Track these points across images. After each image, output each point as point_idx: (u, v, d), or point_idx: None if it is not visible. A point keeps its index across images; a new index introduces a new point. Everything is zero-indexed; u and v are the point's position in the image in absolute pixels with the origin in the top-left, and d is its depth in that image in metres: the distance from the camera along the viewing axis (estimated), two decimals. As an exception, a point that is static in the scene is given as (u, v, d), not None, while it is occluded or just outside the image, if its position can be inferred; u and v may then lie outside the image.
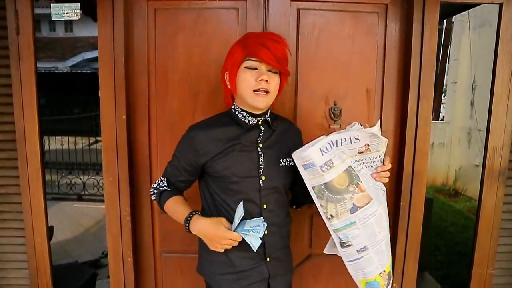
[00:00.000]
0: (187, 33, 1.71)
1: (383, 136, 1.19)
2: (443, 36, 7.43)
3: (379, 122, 1.21)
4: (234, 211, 1.21)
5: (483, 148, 1.86)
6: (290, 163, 1.32)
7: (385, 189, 1.26)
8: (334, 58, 1.75)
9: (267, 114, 1.32)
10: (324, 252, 1.36)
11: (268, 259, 1.32)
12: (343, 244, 1.21)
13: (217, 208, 1.31)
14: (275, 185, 1.31)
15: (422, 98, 1.71)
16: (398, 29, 1.75)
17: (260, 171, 1.28)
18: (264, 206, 1.29)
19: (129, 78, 1.72)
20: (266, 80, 1.21)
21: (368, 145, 1.17)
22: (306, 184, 1.18)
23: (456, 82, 7.01)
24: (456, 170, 6.54)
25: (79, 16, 1.65)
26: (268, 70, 1.22)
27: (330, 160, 1.12)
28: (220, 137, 1.26)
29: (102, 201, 1.77)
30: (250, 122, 1.29)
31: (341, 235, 1.19)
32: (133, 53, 1.72)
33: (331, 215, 1.18)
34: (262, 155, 1.28)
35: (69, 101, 10.53)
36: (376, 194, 1.21)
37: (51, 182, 6.13)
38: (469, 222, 4.90)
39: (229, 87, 1.29)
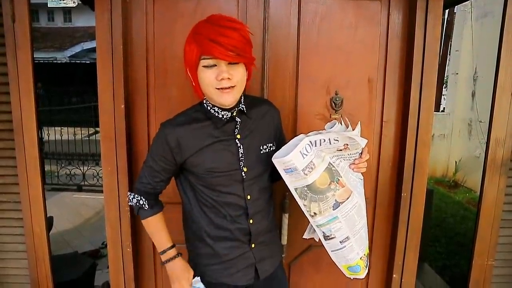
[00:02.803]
0: (186, 21, 1.67)
1: (363, 137, 1.20)
2: (445, 26, 7.37)
3: (359, 124, 1.20)
4: (218, 205, 1.26)
5: (485, 139, 1.84)
6: (271, 148, 1.31)
7: (363, 178, 1.29)
8: (335, 47, 1.72)
9: (241, 103, 1.26)
10: (303, 237, 1.39)
11: (253, 246, 1.33)
12: (326, 237, 1.25)
13: (199, 202, 1.29)
14: (257, 173, 1.29)
15: (424, 88, 1.69)
16: (401, 17, 1.72)
17: (241, 163, 1.25)
18: (248, 197, 1.28)
19: (128, 67, 1.69)
20: (228, 78, 1.13)
21: (347, 145, 1.19)
22: (288, 186, 1.19)
23: (457, 73, 6.96)
24: (456, 162, 6.53)
25: (76, 3, 1.62)
26: (229, 63, 1.13)
27: (311, 161, 1.13)
28: (196, 134, 1.22)
29: (102, 191, 1.76)
30: (224, 117, 1.24)
31: (325, 230, 1.23)
32: (131, 42, 1.69)
33: (314, 213, 1.20)
34: (241, 147, 1.25)
35: (68, 92, 10.47)
36: (355, 186, 1.24)
37: (51, 172, 6.13)
38: (468, 213, 4.91)
39: (193, 83, 1.22)
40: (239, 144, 1.25)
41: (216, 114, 1.24)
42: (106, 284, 2.29)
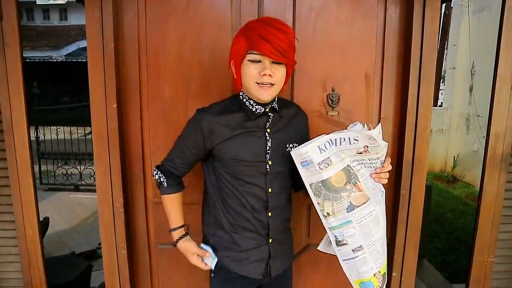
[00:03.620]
0: (179, 18, 1.64)
1: (384, 140, 1.18)
2: (442, 21, 7.34)
3: (380, 125, 1.17)
4: (240, 195, 1.30)
5: (483, 134, 1.82)
6: None
7: (384, 190, 1.24)
8: (332, 42, 1.68)
9: (275, 101, 1.31)
10: (318, 249, 1.34)
11: (270, 241, 1.36)
12: (338, 243, 1.20)
13: (220, 189, 1.33)
14: (281, 169, 1.32)
15: (423, 83, 1.65)
16: (399, 11, 1.68)
17: (267, 155, 1.29)
18: (270, 190, 1.31)
19: (119, 65, 1.65)
20: (270, 75, 1.18)
21: (367, 147, 1.16)
22: (304, 181, 1.17)
23: (454, 68, 6.95)
24: (454, 157, 6.52)
25: (65, 1, 1.58)
26: (273, 62, 1.19)
27: (328, 158, 1.12)
28: (229, 123, 1.27)
29: (97, 191, 1.73)
30: (257, 111, 1.28)
31: (337, 233, 1.18)
32: (123, 39, 1.66)
33: (328, 213, 1.17)
34: (270, 140, 1.29)
35: (64, 91, 10.40)
36: (374, 194, 1.20)
37: (47, 172, 6.08)
38: (467, 208, 4.90)
39: (235, 76, 1.27)
40: (268, 138, 1.29)
41: (250, 107, 1.28)
42: (102, 285, 2.26)
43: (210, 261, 1.38)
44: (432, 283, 2.89)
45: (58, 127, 6.57)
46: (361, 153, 1.17)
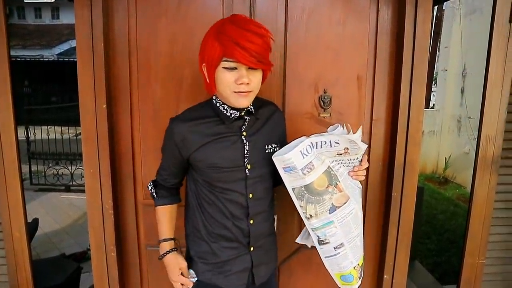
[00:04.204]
0: (170, 18, 1.62)
1: (363, 142, 1.19)
2: (434, 23, 7.39)
3: (360, 128, 1.19)
4: (219, 202, 1.25)
5: (474, 135, 1.83)
6: (275, 149, 1.30)
7: (361, 186, 1.28)
8: (323, 43, 1.68)
9: (250, 104, 1.26)
10: (296, 241, 1.38)
11: (252, 249, 1.31)
12: (321, 242, 1.24)
13: (199, 197, 1.30)
14: (262, 172, 1.28)
15: (414, 84, 1.65)
16: (391, 12, 1.68)
17: (246, 160, 1.24)
18: (250, 196, 1.26)
19: (109, 65, 1.63)
20: (247, 83, 1.13)
21: (348, 149, 1.18)
22: (286, 185, 1.18)
23: (446, 70, 7.00)
24: (446, 158, 6.57)
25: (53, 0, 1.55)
26: (249, 68, 1.13)
27: (311, 162, 1.13)
28: (202, 129, 1.22)
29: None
30: (233, 116, 1.23)
31: (319, 234, 1.22)
32: (113, 39, 1.63)
33: (310, 215, 1.19)
34: (247, 144, 1.24)
35: (56, 90, 10.31)
36: (353, 192, 1.24)
37: (38, 172, 6.02)
38: (458, 210, 4.94)
39: (207, 80, 1.20)
40: (245, 141, 1.24)
41: (225, 112, 1.24)
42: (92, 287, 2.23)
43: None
44: (423, 285, 2.89)
45: (49, 126, 6.51)
46: (341, 154, 1.18)
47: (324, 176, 1.16)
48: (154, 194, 1.38)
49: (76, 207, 5.03)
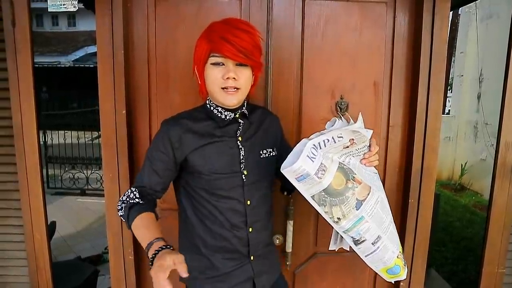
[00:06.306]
0: (188, 26, 1.65)
1: (367, 128, 1.15)
2: (449, 28, 7.32)
3: (360, 115, 1.15)
4: (216, 212, 1.21)
5: (491, 142, 1.81)
6: (271, 154, 1.29)
7: (377, 171, 1.23)
8: (340, 50, 1.69)
9: (244, 106, 1.26)
10: (329, 249, 1.32)
11: (252, 258, 1.29)
12: (356, 242, 1.16)
13: (194, 208, 1.24)
14: (258, 178, 1.25)
15: (432, 91, 1.65)
16: (407, 19, 1.68)
17: (242, 165, 1.22)
18: (248, 202, 1.23)
19: (129, 72, 1.66)
20: (234, 78, 1.14)
21: (353, 139, 1.13)
22: (303, 195, 1.11)
23: (462, 75, 6.92)
24: (462, 165, 6.47)
25: (76, 8, 1.60)
26: (237, 64, 1.14)
27: (322, 163, 1.06)
28: (198, 131, 1.20)
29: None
30: (227, 117, 1.22)
31: (353, 234, 1.15)
32: (132, 46, 1.67)
33: (338, 218, 1.12)
34: (242, 149, 1.23)
35: (72, 96, 10.49)
36: (372, 180, 1.18)
37: (54, 176, 6.13)
38: (475, 217, 4.85)
39: (199, 82, 1.22)
40: (240, 146, 1.23)
41: (219, 114, 1.23)
42: (108, 291, 2.26)
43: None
44: (439, 293, 2.85)
45: (65, 131, 6.63)
46: (347, 146, 1.14)
47: (340, 174, 1.10)
48: (140, 200, 1.20)
49: (91, 211, 5.10)
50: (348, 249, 1.25)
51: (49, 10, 1.59)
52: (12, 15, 1.62)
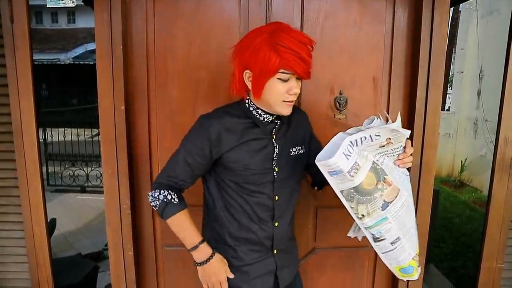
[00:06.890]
0: (186, 21, 1.65)
1: (404, 128, 1.14)
2: (450, 24, 7.30)
3: (399, 114, 1.14)
4: (245, 205, 1.24)
5: (491, 138, 1.81)
6: (300, 151, 1.31)
7: (409, 173, 1.22)
8: (339, 45, 1.68)
9: None
10: (348, 235, 1.32)
11: (275, 252, 1.32)
12: (376, 239, 1.18)
13: (224, 200, 1.27)
14: (287, 175, 1.28)
15: (431, 87, 1.65)
16: (407, 15, 1.68)
17: (274, 162, 1.25)
18: (276, 198, 1.27)
19: (128, 68, 1.66)
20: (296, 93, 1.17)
21: (390, 138, 1.13)
22: (333, 188, 1.13)
23: (462, 72, 6.90)
24: (462, 161, 6.47)
25: (75, 3, 1.60)
26: (297, 78, 1.16)
27: (356, 162, 1.07)
28: (236, 128, 1.21)
29: (104, 193, 1.73)
30: (266, 120, 1.24)
31: (374, 231, 1.16)
32: (131, 42, 1.67)
33: (362, 215, 1.14)
34: (277, 147, 1.26)
35: (72, 93, 10.49)
36: (402, 182, 1.18)
37: (54, 174, 6.12)
38: (475, 213, 4.86)
39: (249, 87, 1.20)
40: (275, 144, 1.25)
41: (258, 116, 1.23)
42: (108, 286, 2.27)
43: None
44: (439, 289, 2.86)
45: (65, 128, 6.62)
46: (383, 146, 1.13)
47: (372, 174, 1.11)
48: (176, 199, 1.23)
49: (91, 208, 5.09)
50: (359, 240, 1.28)
51: (47, 6, 1.59)
52: (10, 11, 1.62)
